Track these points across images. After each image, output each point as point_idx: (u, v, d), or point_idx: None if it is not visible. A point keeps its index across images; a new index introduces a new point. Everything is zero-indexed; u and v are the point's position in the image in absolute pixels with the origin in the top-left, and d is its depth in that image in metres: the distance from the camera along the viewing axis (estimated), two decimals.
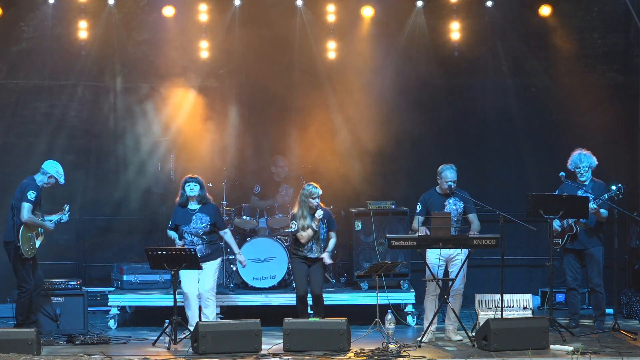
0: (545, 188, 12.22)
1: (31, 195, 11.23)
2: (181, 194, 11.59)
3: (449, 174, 11.23)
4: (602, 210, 11.52)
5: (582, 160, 11.64)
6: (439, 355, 10.49)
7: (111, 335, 11.65)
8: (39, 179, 11.38)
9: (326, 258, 11.43)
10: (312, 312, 11.88)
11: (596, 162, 11.68)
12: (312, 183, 11.50)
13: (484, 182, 13.66)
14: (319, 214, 11.34)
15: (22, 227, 11.24)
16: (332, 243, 11.51)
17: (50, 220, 11.49)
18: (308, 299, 11.63)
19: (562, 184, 11.71)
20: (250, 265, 12.65)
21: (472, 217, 11.33)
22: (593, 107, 13.74)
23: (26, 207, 11.20)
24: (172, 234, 11.58)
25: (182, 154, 13.74)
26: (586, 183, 11.66)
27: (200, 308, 11.52)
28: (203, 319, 11.32)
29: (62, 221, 11.65)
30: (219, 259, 11.69)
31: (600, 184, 11.67)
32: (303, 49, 13.78)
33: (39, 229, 11.42)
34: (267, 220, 13.21)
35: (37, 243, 11.41)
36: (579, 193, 11.55)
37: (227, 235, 11.73)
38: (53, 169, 11.43)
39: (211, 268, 11.48)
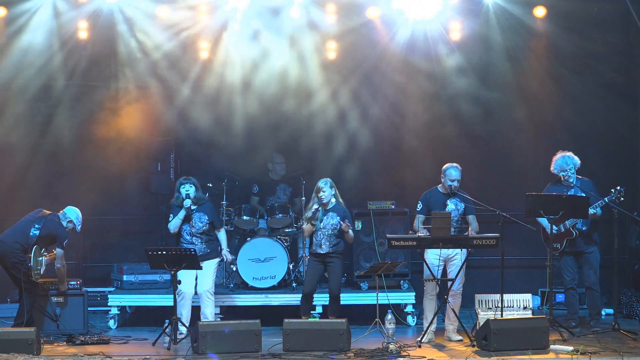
0: (545, 188, 12.21)
1: (65, 243, 11.52)
2: (176, 196, 11.58)
3: (453, 172, 11.26)
4: (597, 210, 11.52)
5: (569, 162, 11.62)
6: (439, 355, 10.49)
7: (111, 335, 11.66)
8: (61, 219, 11.58)
9: (347, 227, 11.39)
10: (313, 312, 11.90)
11: (579, 162, 11.67)
12: (324, 178, 11.53)
13: (484, 182, 13.64)
14: (314, 207, 11.35)
15: (34, 248, 11.34)
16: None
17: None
18: (315, 298, 11.71)
19: (549, 186, 11.69)
20: (250, 265, 12.67)
21: (471, 218, 11.34)
22: (593, 107, 13.74)
23: (62, 254, 11.50)
24: (176, 219, 11.49)
25: (181, 154, 13.75)
26: (575, 183, 11.64)
27: (195, 308, 11.52)
28: (202, 319, 11.32)
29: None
30: (217, 259, 11.69)
31: (587, 182, 11.67)
32: (304, 47, 13.77)
33: (44, 256, 11.52)
34: (267, 220, 13.21)
35: (42, 269, 11.50)
36: (571, 193, 11.55)
37: (221, 233, 11.73)
38: (74, 214, 11.64)
39: (210, 267, 11.49)
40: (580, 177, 11.71)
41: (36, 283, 11.41)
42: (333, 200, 11.46)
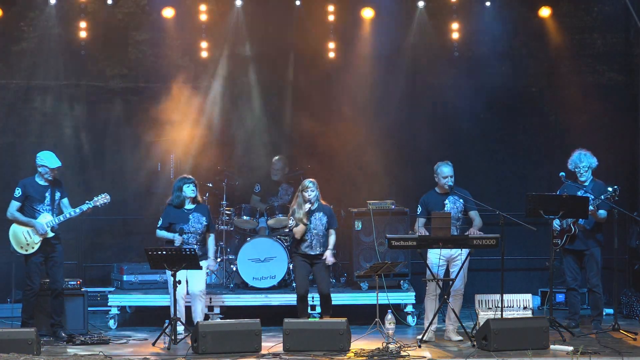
0: (545, 188, 12.23)
1: (16, 192, 11.31)
2: (178, 196, 11.53)
3: (445, 169, 11.23)
4: (601, 211, 11.51)
5: (582, 160, 11.63)
6: (439, 355, 10.49)
7: (111, 335, 11.65)
8: (36, 175, 11.35)
9: (329, 257, 11.42)
10: (313, 312, 11.91)
11: (597, 162, 11.65)
12: (309, 178, 11.54)
13: (483, 182, 13.66)
14: (306, 207, 11.34)
15: (12, 226, 11.25)
16: (332, 240, 11.48)
17: (60, 215, 11.31)
18: (314, 298, 11.73)
19: (563, 184, 11.69)
20: (250, 265, 12.66)
21: (474, 214, 11.32)
22: (593, 107, 13.75)
23: (10, 205, 11.29)
24: (165, 233, 11.49)
25: (181, 154, 13.75)
26: (586, 183, 11.66)
27: (188, 309, 11.54)
28: (194, 318, 11.31)
29: (84, 210, 11.42)
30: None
31: (600, 184, 11.65)
32: (303, 49, 13.80)
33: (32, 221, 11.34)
34: (267, 220, 13.21)
35: (37, 237, 11.27)
36: (579, 194, 11.54)
37: (211, 237, 11.69)
38: (38, 160, 11.35)
39: (202, 268, 11.49)
40: (596, 179, 11.70)
41: (28, 257, 11.26)
42: (316, 202, 11.47)
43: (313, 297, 11.89)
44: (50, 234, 11.28)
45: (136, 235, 13.93)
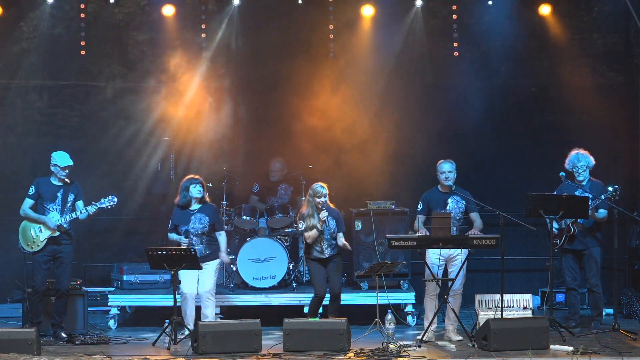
0: (546, 188, 12.21)
1: (30, 189, 11.37)
2: (184, 196, 11.52)
3: (444, 166, 11.28)
4: (601, 211, 11.52)
5: (580, 159, 11.65)
6: (439, 355, 10.49)
7: (111, 335, 11.65)
8: (52, 174, 11.38)
9: (346, 243, 11.46)
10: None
11: (593, 162, 11.67)
12: (320, 183, 11.52)
13: (484, 182, 13.65)
14: (323, 214, 11.32)
15: (23, 222, 11.29)
16: (341, 239, 11.50)
17: (67, 215, 11.32)
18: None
19: (562, 184, 11.71)
20: (250, 265, 12.66)
21: (474, 215, 11.33)
22: (593, 107, 13.74)
23: (24, 202, 11.36)
24: (174, 236, 11.54)
25: (181, 154, 13.75)
26: (584, 183, 11.67)
27: (198, 308, 11.51)
28: (203, 319, 11.31)
29: (90, 212, 11.43)
30: (219, 260, 11.68)
31: (598, 184, 11.67)
32: (303, 48, 13.80)
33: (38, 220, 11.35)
34: (267, 220, 13.21)
35: (43, 235, 11.28)
36: (577, 193, 11.55)
37: (221, 236, 11.69)
38: (52, 159, 11.42)
39: (211, 268, 11.47)
40: (593, 179, 11.71)
41: (34, 278, 11.30)
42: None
43: None
44: (56, 233, 11.29)
45: (136, 235, 13.93)
